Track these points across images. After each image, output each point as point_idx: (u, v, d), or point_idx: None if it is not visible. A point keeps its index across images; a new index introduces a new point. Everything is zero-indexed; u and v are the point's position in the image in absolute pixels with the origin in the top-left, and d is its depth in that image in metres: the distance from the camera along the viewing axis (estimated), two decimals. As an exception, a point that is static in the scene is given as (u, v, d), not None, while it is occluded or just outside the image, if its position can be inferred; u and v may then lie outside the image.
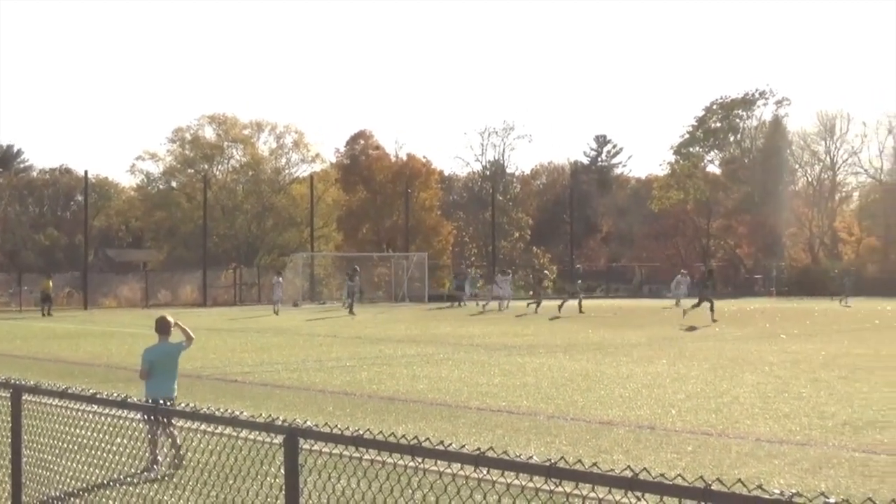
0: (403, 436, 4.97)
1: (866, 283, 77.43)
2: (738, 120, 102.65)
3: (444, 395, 18.07)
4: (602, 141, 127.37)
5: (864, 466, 11.38)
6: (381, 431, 5.17)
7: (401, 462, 5.50)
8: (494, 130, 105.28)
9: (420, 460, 4.89)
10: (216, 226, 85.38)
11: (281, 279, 57.20)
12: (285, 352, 28.24)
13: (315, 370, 22.98)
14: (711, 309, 41.17)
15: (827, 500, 3.54)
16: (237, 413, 6.12)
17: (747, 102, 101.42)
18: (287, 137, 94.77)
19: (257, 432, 6.00)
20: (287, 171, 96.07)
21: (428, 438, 4.88)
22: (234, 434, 6.77)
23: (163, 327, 12.59)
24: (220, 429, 6.57)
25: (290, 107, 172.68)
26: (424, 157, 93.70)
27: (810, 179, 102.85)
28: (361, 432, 5.13)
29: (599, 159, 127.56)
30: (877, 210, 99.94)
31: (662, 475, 3.97)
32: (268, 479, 7.37)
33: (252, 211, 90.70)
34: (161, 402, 7.27)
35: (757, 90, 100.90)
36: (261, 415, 6.10)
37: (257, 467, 7.23)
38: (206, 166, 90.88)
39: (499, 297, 58.11)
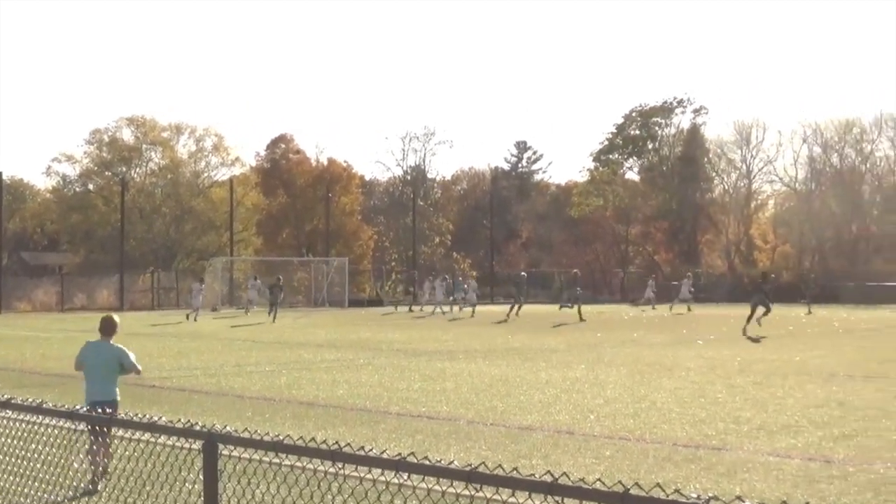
0: (324, 441, 4.96)
1: (780, 290, 78.65)
2: (656, 127, 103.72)
3: (364, 401, 18.04)
4: (522, 147, 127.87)
5: (779, 470, 11.56)
6: (300, 437, 5.15)
7: (321, 468, 5.49)
8: (415, 135, 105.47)
9: (340, 466, 4.88)
10: (134, 229, 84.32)
11: (203, 286, 55.85)
12: (204, 356, 28.01)
13: (234, 375, 22.83)
14: (765, 314, 38.56)
15: (743, 503, 3.59)
16: (155, 418, 6.06)
17: (665, 110, 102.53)
18: (207, 140, 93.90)
19: (176, 438, 5.94)
20: (206, 175, 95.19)
21: (348, 444, 4.88)
22: (152, 440, 6.71)
23: (104, 327, 11.73)
24: (137, 434, 6.50)
25: (209, 109, 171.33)
26: (345, 161, 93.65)
27: (727, 187, 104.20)
28: (281, 438, 5.11)
29: (520, 165, 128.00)
30: (791, 218, 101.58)
31: (582, 480, 4.00)
32: (186, 485, 7.29)
33: (171, 214, 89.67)
34: (100, 407, 7.15)
35: (675, 98, 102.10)
36: (179, 420, 6.04)
37: (175, 473, 7.16)
38: (124, 169, 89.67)
39: (436, 301, 58.84)
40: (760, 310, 38.63)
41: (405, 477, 4.61)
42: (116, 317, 12.04)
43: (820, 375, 22.19)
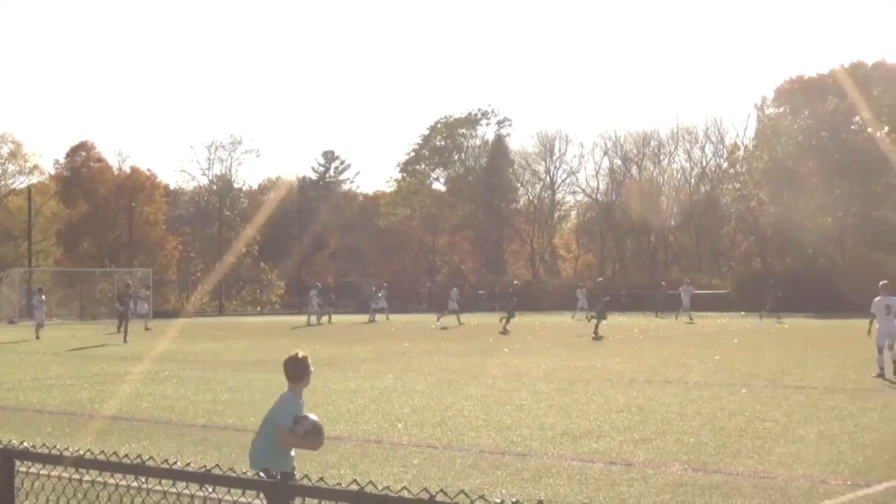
0: (126, 455, 4.87)
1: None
2: (462, 139, 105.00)
3: (168, 413, 17.74)
4: (330, 157, 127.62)
5: (581, 474, 11.82)
6: (102, 451, 5.03)
7: (123, 482, 5.38)
8: (221, 144, 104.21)
9: (144, 480, 4.79)
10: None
11: (43, 297, 51.59)
12: (0, 371, 27.07)
13: (32, 389, 22.14)
14: None
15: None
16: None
17: (471, 122, 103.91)
18: (3, 147, 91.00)
19: (-31, 456, 5.74)
20: (3, 183, 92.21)
21: (152, 457, 4.79)
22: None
23: (291, 370, 8.73)
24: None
25: (5, 116, 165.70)
26: (149, 170, 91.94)
27: (531, 198, 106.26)
28: (82, 453, 4.99)
29: (327, 175, 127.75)
30: (593, 228, 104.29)
31: (388, 488, 4.02)
32: (-20, 504, 7.05)
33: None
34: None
35: (480, 110, 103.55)
36: (-26, 437, 5.84)
37: (-31, 492, 6.91)
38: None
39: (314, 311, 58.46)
40: None
41: (210, 490, 4.56)
42: (301, 354, 8.85)
43: (621, 381, 22.79)
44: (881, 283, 24.61)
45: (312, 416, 8.62)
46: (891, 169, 73.44)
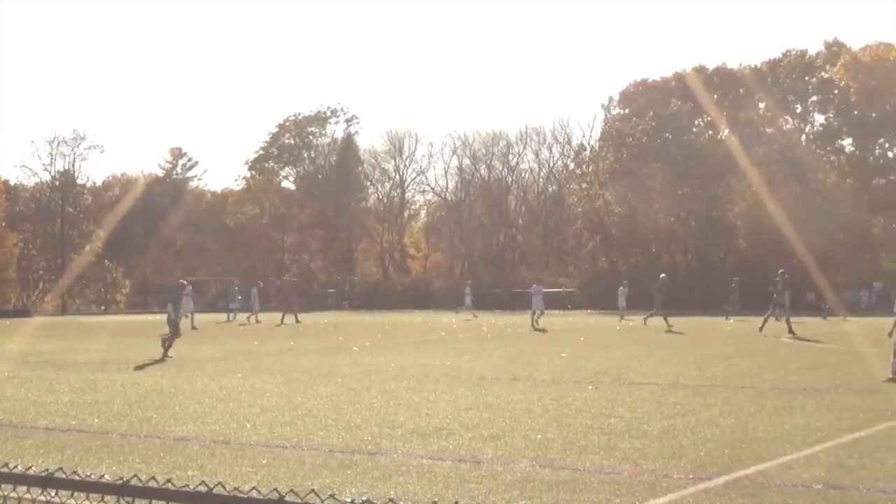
0: (-36, 459, 4.71)
1: (435, 297, 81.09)
2: (311, 137, 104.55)
3: (8, 416, 17.24)
4: (178, 154, 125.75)
5: (431, 472, 11.86)
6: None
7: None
8: (64, 139, 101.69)
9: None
10: None
11: None
12: None
13: None
14: None
15: (396, 505, 3.67)
16: None
17: (320, 120, 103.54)
18: None
19: None
20: None
21: (-9, 461, 4.65)
22: None
23: None
24: None
25: None
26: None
27: (381, 196, 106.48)
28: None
29: (175, 172, 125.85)
30: (442, 227, 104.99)
31: (237, 489, 3.98)
32: None
33: None
34: None
35: (329, 108, 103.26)
36: None
37: None
38: None
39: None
40: None
41: (53, 493, 4.45)
42: None
43: (470, 379, 22.93)
44: None
45: None
46: (731, 171, 75.56)
